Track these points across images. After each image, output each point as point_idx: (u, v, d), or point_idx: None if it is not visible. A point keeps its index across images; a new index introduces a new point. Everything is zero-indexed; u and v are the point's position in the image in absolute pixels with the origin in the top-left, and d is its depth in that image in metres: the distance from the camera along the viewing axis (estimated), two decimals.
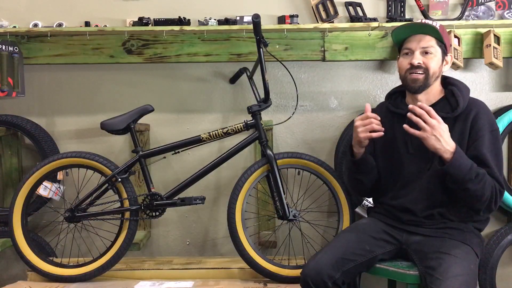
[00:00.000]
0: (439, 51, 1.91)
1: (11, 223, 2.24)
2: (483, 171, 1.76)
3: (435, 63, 1.88)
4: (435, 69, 1.89)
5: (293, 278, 2.15)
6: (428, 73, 1.88)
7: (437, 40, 1.90)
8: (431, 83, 1.90)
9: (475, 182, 1.72)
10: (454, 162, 1.71)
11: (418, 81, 1.88)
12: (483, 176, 1.75)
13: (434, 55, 1.89)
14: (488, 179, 1.76)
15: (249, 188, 2.25)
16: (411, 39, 1.92)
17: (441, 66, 1.92)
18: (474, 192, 1.74)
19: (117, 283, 2.23)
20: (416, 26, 1.93)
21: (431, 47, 1.89)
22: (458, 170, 1.71)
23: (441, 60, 1.91)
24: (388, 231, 1.96)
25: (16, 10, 2.57)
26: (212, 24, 2.44)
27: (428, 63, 1.88)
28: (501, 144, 1.90)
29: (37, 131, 2.50)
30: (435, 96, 1.94)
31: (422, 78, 1.88)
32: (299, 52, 2.52)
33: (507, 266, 2.66)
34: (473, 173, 1.72)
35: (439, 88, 1.96)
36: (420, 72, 1.87)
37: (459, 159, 1.72)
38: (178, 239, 2.69)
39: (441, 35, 1.89)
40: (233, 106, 2.62)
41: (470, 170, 1.72)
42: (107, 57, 2.52)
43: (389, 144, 2.00)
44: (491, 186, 1.77)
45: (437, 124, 1.70)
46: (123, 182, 2.22)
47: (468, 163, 1.73)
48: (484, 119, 1.85)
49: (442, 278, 1.65)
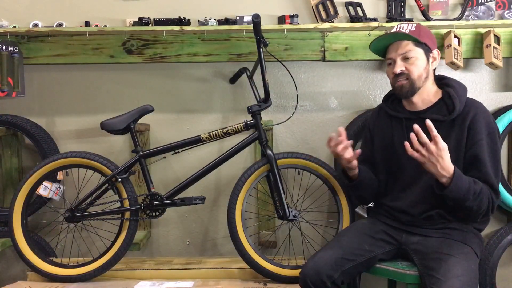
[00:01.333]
0: (420, 51, 1.90)
1: (11, 223, 2.23)
2: (480, 186, 1.76)
3: (418, 66, 1.88)
4: (419, 72, 1.89)
5: (293, 278, 2.14)
6: (411, 78, 1.88)
7: (414, 42, 1.89)
8: (419, 85, 1.90)
9: (473, 200, 1.73)
10: (451, 187, 1.71)
11: (404, 88, 1.90)
12: (480, 192, 1.75)
13: (416, 58, 1.89)
14: (484, 194, 1.76)
15: (249, 188, 2.25)
16: (390, 49, 1.94)
17: (427, 65, 1.91)
18: (471, 208, 1.75)
19: (117, 283, 2.23)
20: (388, 36, 1.94)
21: (409, 51, 1.89)
22: (456, 194, 1.72)
23: (425, 60, 1.90)
24: (387, 232, 1.96)
25: (16, 10, 2.57)
26: (212, 24, 2.44)
27: (410, 68, 1.88)
28: (499, 145, 1.89)
29: (37, 131, 2.50)
30: (431, 97, 1.94)
31: (406, 84, 1.89)
32: (299, 52, 2.52)
33: (507, 266, 2.66)
34: (470, 193, 1.72)
35: (435, 89, 1.95)
36: (403, 78, 1.89)
37: (457, 183, 1.70)
38: (178, 239, 2.69)
39: (415, 37, 1.88)
40: (233, 106, 2.62)
41: (468, 191, 1.72)
42: (107, 57, 2.52)
43: (388, 147, 2.01)
44: (488, 198, 1.77)
45: (436, 151, 1.68)
46: (123, 182, 2.22)
47: (465, 185, 1.72)
48: (481, 122, 1.84)
49: (443, 279, 1.65)
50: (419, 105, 1.94)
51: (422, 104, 1.93)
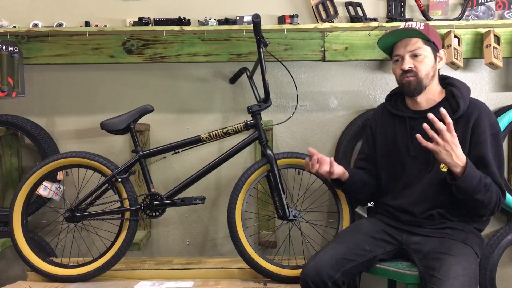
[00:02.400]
0: (429, 50, 1.90)
1: (11, 223, 2.23)
2: (489, 179, 1.76)
3: (426, 64, 1.89)
4: (427, 69, 1.89)
5: (293, 278, 2.14)
6: (420, 75, 1.88)
7: (424, 40, 1.89)
8: (426, 84, 1.90)
9: (483, 192, 1.73)
10: (465, 177, 1.69)
11: (411, 84, 1.89)
12: (490, 185, 1.75)
13: (424, 56, 1.89)
14: (493, 187, 1.77)
15: (249, 188, 2.25)
16: (398, 45, 1.93)
17: (434, 64, 1.91)
18: (482, 201, 1.75)
19: (117, 283, 2.23)
20: (399, 32, 1.93)
21: (419, 48, 1.88)
22: (469, 184, 1.70)
23: (433, 59, 1.91)
24: (388, 231, 1.96)
25: (16, 10, 2.57)
26: (212, 24, 2.44)
27: (418, 66, 1.88)
28: (502, 145, 1.89)
29: (37, 131, 2.50)
30: (435, 97, 1.94)
31: (414, 81, 1.89)
32: (299, 52, 2.52)
33: (507, 266, 2.66)
34: (482, 184, 1.72)
35: (439, 89, 1.96)
36: (411, 75, 1.88)
37: (470, 172, 1.70)
38: (178, 239, 2.69)
39: (425, 35, 1.88)
40: (233, 106, 2.62)
41: (480, 182, 1.71)
42: (107, 57, 2.52)
43: (390, 146, 2.01)
44: (496, 193, 1.78)
45: (451, 139, 1.67)
46: (123, 182, 2.22)
47: (477, 175, 1.72)
48: (485, 122, 1.84)
49: (444, 279, 1.65)
50: (423, 104, 1.94)
51: (426, 103, 1.93)
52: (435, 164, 1.87)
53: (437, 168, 1.86)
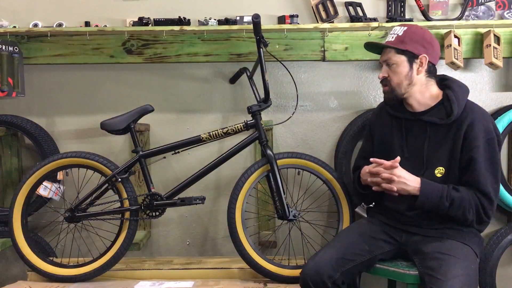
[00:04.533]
0: (402, 58, 1.89)
1: (11, 223, 2.24)
2: (459, 194, 1.77)
3: (397, 73, 1.90)
4: (399, 79, 1.90)
5: (293, 278, 2.14)
6: (391, 84, 1.92)
7: (397, 49, 1.89)
8: (401, 92, 1.91)
9: (452, 209, 1.77)
10: (421, 197, 1.78)
11: (386, 93, 1.96)
12: (460, 201, 1.76)
13: (397, 65, 1.90)
14: (467, 203, 1.77)
15: (249, 188, 2.25)
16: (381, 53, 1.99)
17: (409, 71, 1.89)
18: (455, 217, 1.80)
19: (117, 283, 2.23)
20: (368, 47, 2.03)
21: (390, 58, 1.92)
22: (429, 201, 1.78)
23: (407, 66, 1.89)
24: (387, 232, 1.96)
25: (16, 10, 2.57)
26: (212, 24, 2.44)
27: (391, 75, 1.92)
28: (498, 151, 1.86)
29: (37, 131, 2.50)
30: (428, 100, 1.92)
31: (387, 90, 1.95)
32: (299, 52, 2.52)
33: (507, 266, 2.66)
34: (446, 201, 1.77)
35: (435, 92, 1.93)
36: (384, 84, 1.95)
37: (425, 191, 1.78)
38: (178, 239, 2.69)
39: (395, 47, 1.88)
40: (233, 106, 2.62)
41: (441, 199, 1.76)
42: (107, 57, 2.52)
43: (386, 147, 2.01)
44: (475, 206, 1.78)
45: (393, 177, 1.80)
46: (123, 182, 2.22)
47: (438, 194, 1.77)
48: (479, 128, 1.81)
49: (443, 279, 1.65)
50: (416, 107, 1.94)
51: (419, 106, 1.93)
52: (428, 167, 1.87)
53: (431, 172, 1.87)
